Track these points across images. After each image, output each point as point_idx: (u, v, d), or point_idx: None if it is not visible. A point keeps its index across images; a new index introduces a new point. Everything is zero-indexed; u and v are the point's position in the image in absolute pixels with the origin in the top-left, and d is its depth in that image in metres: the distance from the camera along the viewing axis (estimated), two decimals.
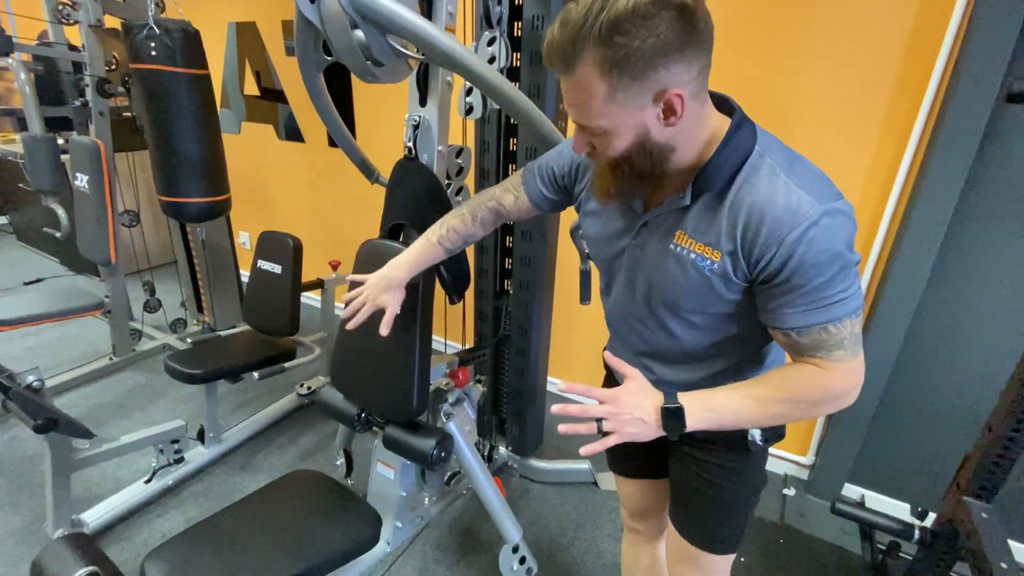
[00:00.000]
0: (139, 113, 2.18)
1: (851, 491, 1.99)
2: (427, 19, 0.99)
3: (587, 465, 2.07)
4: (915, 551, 1.49)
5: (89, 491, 1.92)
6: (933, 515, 1.47)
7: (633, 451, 1.06)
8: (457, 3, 1.20)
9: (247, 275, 2.16)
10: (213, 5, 3.05)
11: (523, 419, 2.06)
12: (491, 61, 1.45)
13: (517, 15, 1.54)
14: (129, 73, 2.24)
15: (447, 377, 1.51)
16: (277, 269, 2.04)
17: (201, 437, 2.06)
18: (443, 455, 1.30)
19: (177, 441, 1.93)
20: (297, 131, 3.09)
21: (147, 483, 1.88)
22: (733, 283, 0.74)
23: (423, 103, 1.26)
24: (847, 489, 1.99)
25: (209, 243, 2.71)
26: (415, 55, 1.11)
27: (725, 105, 0.75)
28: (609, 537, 1.84)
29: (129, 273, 2.67)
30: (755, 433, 0.89)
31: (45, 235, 2.71)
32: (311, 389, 2.46)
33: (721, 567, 1.03)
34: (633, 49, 0.60)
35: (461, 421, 1.50)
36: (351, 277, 1.16)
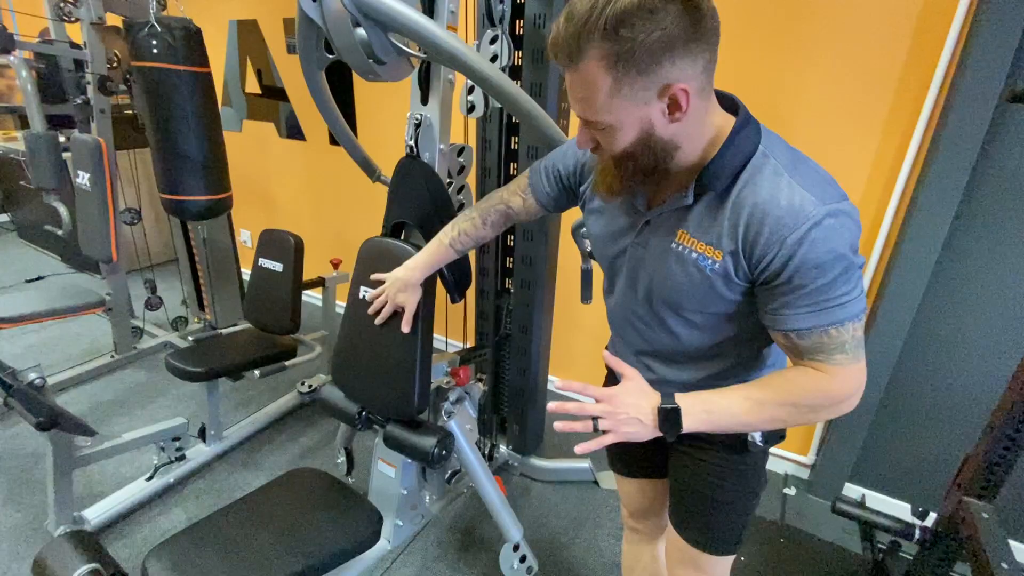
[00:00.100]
0: (140, 111, 2.18)
1: (852, 491, 1.99)
2: (429, 17, 0.99)
3: (587, 464, 2.07)
4: (915, 551, 1.49)
5: (91, 488, 1.93)
6: (934, 515, 1.47)
7: (634, 450, 1.06)
8: (459, 1, 1.19)
9: (248, 273, 2.16)
10: (214, 3, 3.04)
11: (524, 418, 2.06)
12: (493, 59, 1.45)
13: (519, 13, 1.54)
14: (131, 71, 2.25)
15: (448, 376, 1.51)
16: (278, 267, 2.04)
17: (202, 435, 2.06)
18: (444, 453, 1.30)
19: (178, 439, 1.93)
20: (298, 129, 3.09)
21: (148, 480, 1.89)
22: (734, 283, 0.73)
23: (425, 101, 1.26)
24: (848, 489, 1.99)
25: (210, 241, 2.71)
26: (417, 53, 1.11)
27: (730, 104, 0.74)
28: (609, 536, 1.85)
29: (130, 271, 2.67)
30: (755, 434, 0.89)
31: (47, 233, 2.72)
32: (312, 387, 2.47)
33: (720, 568, 1.03)
34: (638, 43, 0.60)
35: (462, 420, 1.50)
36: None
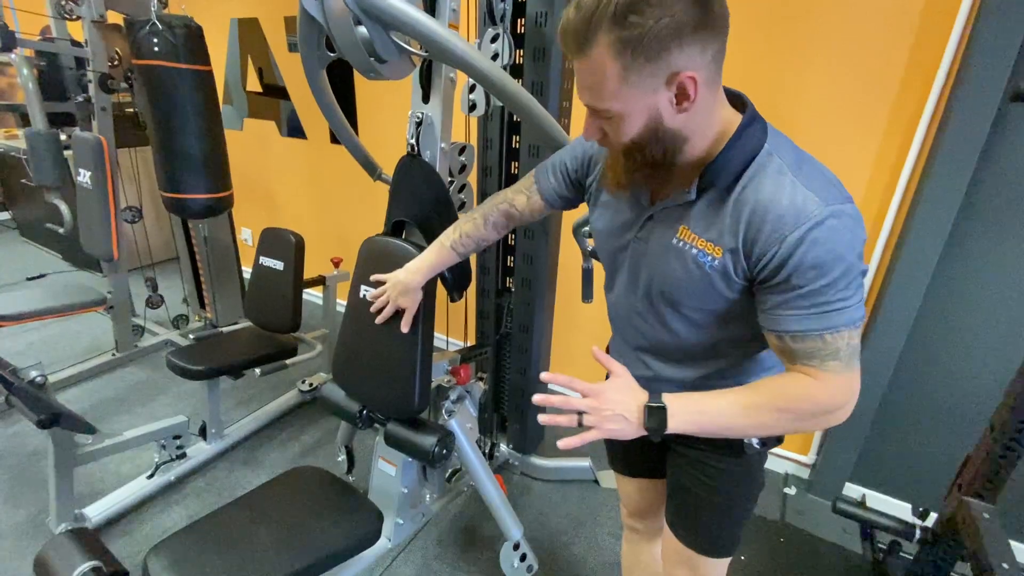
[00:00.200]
0: (142, 109, 2.19)
1: (852, 490, 1.99)
2: (430, 15, 0.99)
3: (588, 463, 2.07)
4: (916, 551, 1.49)
5: (92, 486, 1.93)
6: (934, 515, 1.47)
7: (634, 449, 1.06)
8: None
9: (249, 271, 2.16)
10: (216, 1, 3.04)
11: (524, 417, 2.06)
12: (494, 58, 1.45)
13: (520, 11, 1.53)
14: (132, 69, 2.25)
15: (449, 374, 1.51)
16: (279, 265, 2.04)
17: (203, 433, 2.07)
18: (444, 452, 1.30)
19: (179, 437, 1.93)
20: (299, 127, 3.09)
21: (149, 478, 1.89)
22: (733, 281, 0.73)
23: (426, 100, 1.26)
24: (848, 488, 1.99)
25: (211, 239, 2.71)
26: (418, 52, 1.11)
27: (738, 102, 0.74)
28: (609, 535, 1.85)
29: (131, 269, 2.68)
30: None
31: (48, 231, 2.71)
32: (313, 385, 2.47)
33: (716, 571, 1.02)
34: (647, 29, 0.60)
35: (462, 418, 1.50)
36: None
